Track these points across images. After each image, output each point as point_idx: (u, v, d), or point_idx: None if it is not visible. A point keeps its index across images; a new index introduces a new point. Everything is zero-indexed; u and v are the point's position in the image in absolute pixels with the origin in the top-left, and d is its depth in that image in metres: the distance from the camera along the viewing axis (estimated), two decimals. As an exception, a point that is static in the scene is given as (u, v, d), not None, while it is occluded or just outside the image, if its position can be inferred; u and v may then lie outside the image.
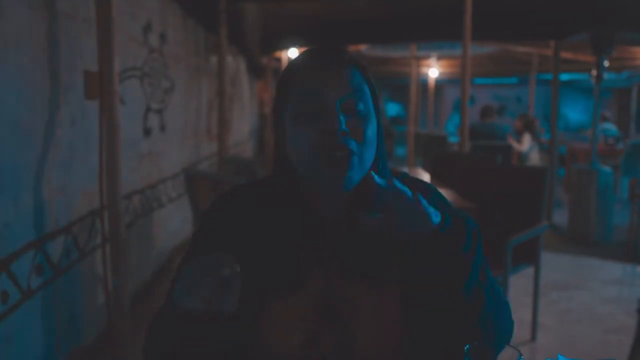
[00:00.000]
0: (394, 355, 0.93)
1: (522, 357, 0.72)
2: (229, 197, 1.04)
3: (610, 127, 9.12)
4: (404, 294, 0.94)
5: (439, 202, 1.00)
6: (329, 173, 0.89)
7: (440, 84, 13.67)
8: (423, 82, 11.51)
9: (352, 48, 7.92)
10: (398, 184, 0.87)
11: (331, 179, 0.90)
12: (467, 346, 0.75)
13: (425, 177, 3.84)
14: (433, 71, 10.06)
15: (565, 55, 6.81)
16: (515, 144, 7.12)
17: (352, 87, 0.91)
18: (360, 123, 0.91)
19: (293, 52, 7.19)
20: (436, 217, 0.87)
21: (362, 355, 0.92)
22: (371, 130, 0.92)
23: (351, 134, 0.89)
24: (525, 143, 7.21)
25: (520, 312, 3.16)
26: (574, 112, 15.35)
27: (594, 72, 5.18)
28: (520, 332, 3.02)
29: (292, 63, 0.96)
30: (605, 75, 5.28)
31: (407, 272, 0.94)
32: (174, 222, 4.11)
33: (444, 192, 1.04)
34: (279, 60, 8.77)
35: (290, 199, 0.98)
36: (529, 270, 3.02)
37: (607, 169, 5.29)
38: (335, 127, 0.87)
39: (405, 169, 1.06)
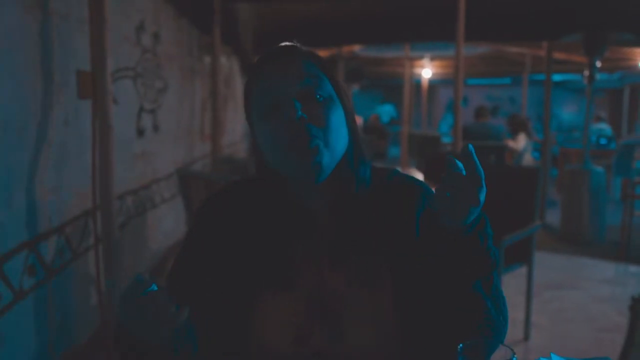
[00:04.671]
0: (385, 351, 0.94)
1: (516, 356, 0.73)
2: (221, 194, 1.05)
3: (605, 127, 9.19)
4: (395, 290, 0.94)
5: (429, 198, 1.00)
6: (296, 161, 0.90)
7: (433, 84, 13.70)
8: (416, 83, 11.54)
9: (346, 48, 7.93)
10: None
11: (300, 168, 0.90)
12: (461, 345, 0.76)
13: (419, 176, 3.85)
14: (426, 72, 10.07)
15: (558, 56, 6.83)
16: (511, 143, 7.15)
17: (306, 76, 0.93)
18: (321, 108, 0.92)
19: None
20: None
21: (354, 351, 0.93)
22: (336, 116, 0.93)
23: (312, 119, 0.90)
24: (521, 142, 7.24)
25: (514, 312, 3.15)
26: (566, 113, 15.43)
27: (586, 73, 5.21)
28: (513, 331, 3.03)
29: (252, 66, 0.99)
30: (598, 76, 5.30)
31: (398, 268, 0.94)
32: (168, 223, 4.10)
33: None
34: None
35: (278, 196, 0.98)
36: (522, 270, 3.03)
37: (599, 169, 5.32)
38: (292, 115, 0.88)
39: (399, 169, 1.08)
